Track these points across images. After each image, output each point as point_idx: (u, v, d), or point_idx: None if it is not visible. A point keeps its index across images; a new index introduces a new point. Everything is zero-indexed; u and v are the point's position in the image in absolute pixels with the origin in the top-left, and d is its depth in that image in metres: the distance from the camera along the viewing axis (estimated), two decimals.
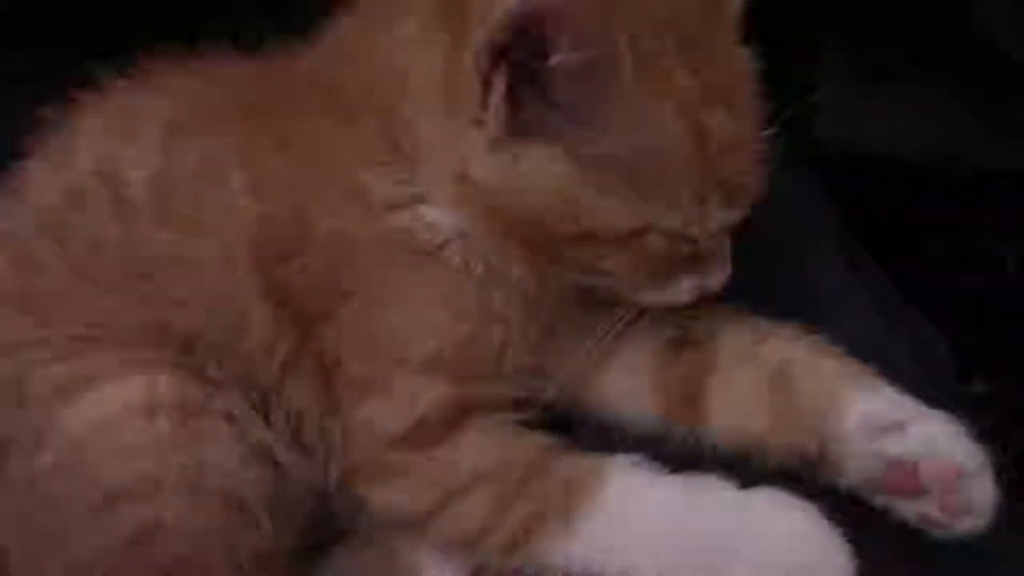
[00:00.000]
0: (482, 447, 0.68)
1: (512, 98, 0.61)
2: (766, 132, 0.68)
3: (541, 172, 0.63)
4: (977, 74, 1.03)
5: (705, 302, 0.72)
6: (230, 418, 0.68)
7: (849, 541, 0.63)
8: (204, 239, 0.69)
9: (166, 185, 0.70)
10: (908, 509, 0.66)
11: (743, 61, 0.68)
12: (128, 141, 0.72)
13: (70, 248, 0.70)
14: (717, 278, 0.71)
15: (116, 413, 0.66)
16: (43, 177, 0.73)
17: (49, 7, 0.92)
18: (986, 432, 0.67)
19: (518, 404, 0.70)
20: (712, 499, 0.65)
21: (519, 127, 0.62)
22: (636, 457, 0.67)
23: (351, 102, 0.69)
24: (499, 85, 0.60)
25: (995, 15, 1.00)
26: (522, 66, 0.60)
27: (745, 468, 0.69)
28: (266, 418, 0.70)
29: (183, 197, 0.70)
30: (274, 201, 0.69)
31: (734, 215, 0.68)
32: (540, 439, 0.69)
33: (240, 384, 0.69)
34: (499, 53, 0.59)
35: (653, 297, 0.70)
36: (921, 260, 1.01)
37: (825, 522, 0.63)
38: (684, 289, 0.70)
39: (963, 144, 1.07)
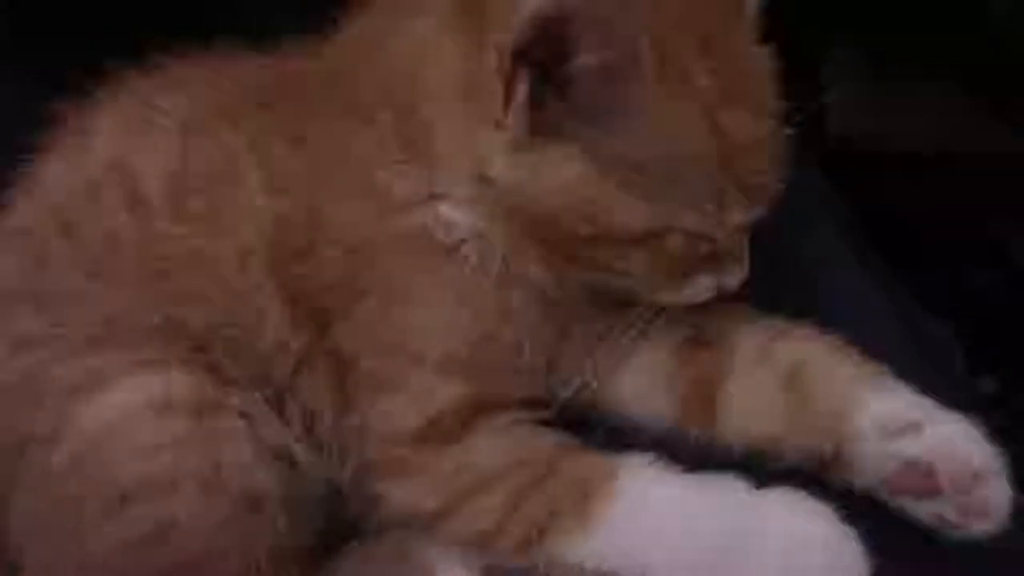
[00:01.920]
0: (496, 446, 0.68)
1: (533, 99, 0.61)
2: (784, 131, 0.68)
3: (561, 173, 0.63)
4: (987, 71, 1.03)
5: (720, 301, 0.72)
6: (245, 416, 0.68)
7: (863, 542, 0.63)
8: (220, 237, 0.69)
9: (182, 183, 0.70)
10: (923, 510, 0.66)
11: (761, 61, 0.68)
12: (144, 138, 0.72)
13: (85, 246, 0.70)
14: (734, 277, 0.71)
15: (131, 411, 0.66)
16: (58, 174, 0.73)
17: (62, 3, 0.92)
18: (997, 430, 0.67)
19: (533, 404, 0.70)
20: (726, 499, 0.65)
21: (540, 128, 0.62)
22: (650, 457, 0.67)
23: (367, 101, 0.69)
24: (521, 86, 0.60)
25: (1005, 13, 1.00)
26: (544, 68, 0.60)
27: (759, 468, 0.69)
28: (281, 416, 0.70)
29: (199, 195, 0.70)
30: (290, 199, 0.69)
31: (753, 214, 0.68)
32: (554, 438, 0.69)
33: (255, 382, 0.69)
34: (521, 55, 0.59)
35: (670, 297, 0.70)
36: (931, 257, 1.01)
37: (839, 523, 0.63)
38: (701, 288, 0.70)
39: (973, 141, 1.07)
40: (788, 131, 0.68)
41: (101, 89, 0.74)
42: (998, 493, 0.64)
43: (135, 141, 0.72)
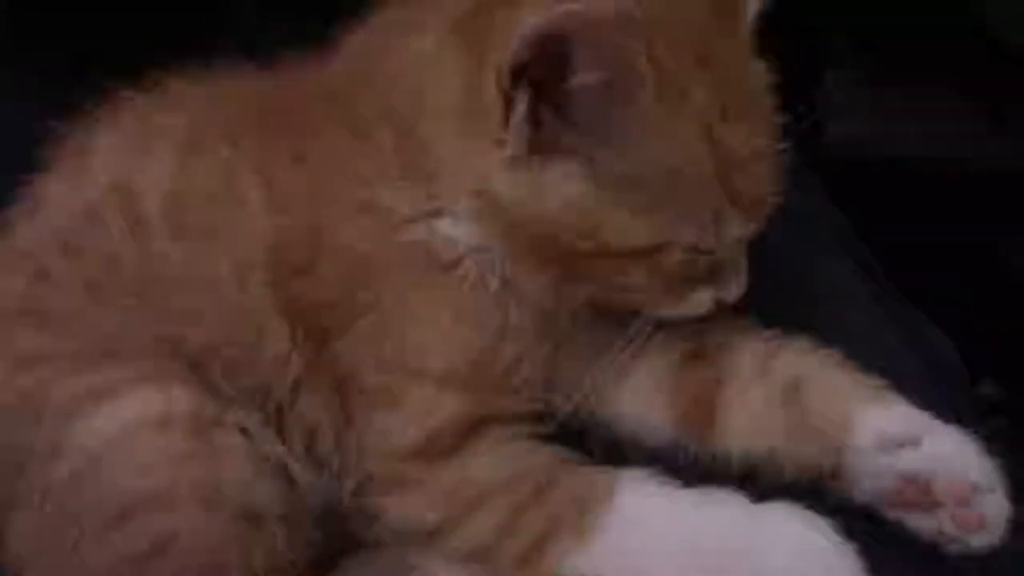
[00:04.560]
0: (496, 461, 0.68)
1: (533, 117, 0.61)
2: (781, 146, 0.68)
3: (561, 190, 0.64)
4: (983, 75, 1.04)
5: (719, 315, 0.73)
6: (244, 432, 0.68)
7: (862, 555, 0.63)
8: (219, 254, 0.69)
9: (181, 200, 0.70)
10: (921, 524, 0.66)
11: (759, 75, 0.69)
12: (144, 156, 0.72)
13: (86, 264, 0.70)
14: (733, 290, 0.71)
15: (131, 427, 0.66)
16: (59, 193, 0.73)
17: (62, 20, 0.92)
18: (998, 434, 0.67)
19: (532, 418, 0.70)
20: (725, 513, 0.65)
21: (539, 146, 0.63)
22: (649, 471, 0.67)
23: (367, 117, 0.69)
24: (520, 104, 0.61)
25: (1000, 15, 1.00)
26: (543, 85, 0.61)
27: (758, 482, 0.69)
28: (280, 432, 0.70)
29: (198, 212, 0.70)
30: (289, 216, 0.69)
31: (751, 228, 0.69)
32: (553, 453, 0.69)
33: (255, 399, 0.69)
34: (520, 73, 0.60)
35: (670, 311, 0.71)
36: (930, 263, 1.01)
37: (838, 536, 0.63)
38: (700, 302, 0.71)
39: (970, 145, 1.07)
40: (785, 145, 0.69)
41: (101, 108, 0.75)
42: (995, 507, 0.65)
43: (135, 160, 0.72)
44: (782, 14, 0.69)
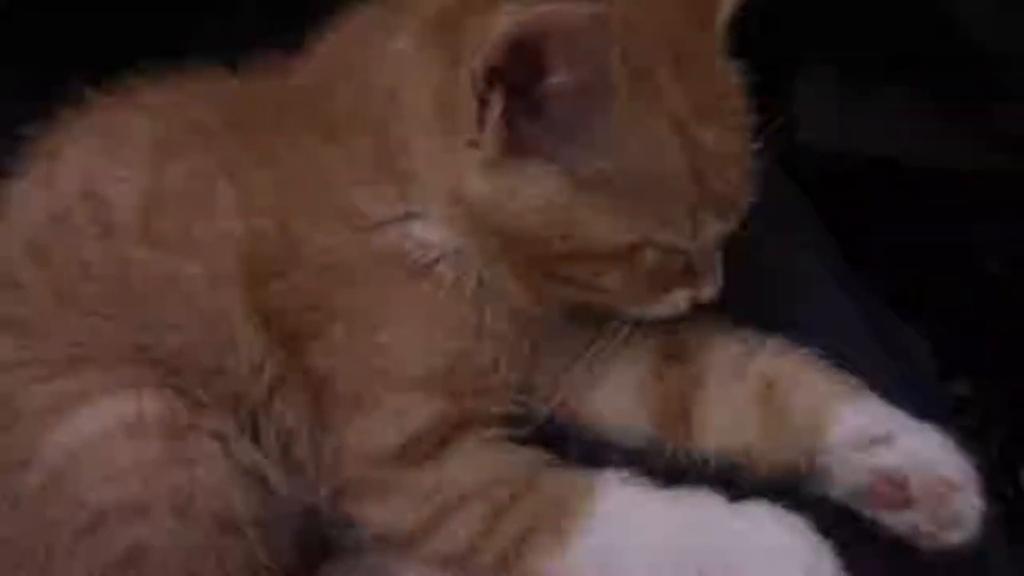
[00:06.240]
0: (474, 464, 0.68)
1: (508, 118, 0.61)
2: (755, 146, 0.69)
3: (537, 191, 0.64)
4: (958, 77, 1.05)
5: (694, 315, 0.73)
6: (218, 438, 0.68)
7: (838, 553, 0.63)
8: (191, 259, 0.69)
9: (153, 204, 0.70)
10: (896, 521, 0.67)
11: (732, 76, 0.69)
12: (114, 160, 0.71)
13: (55, 269, 0.69)
14: (708, 290, 0.72)
15: (103, 434, 0.65)
16: (27, 197, 0.72)
17: (35, 20, 0.91)
18: (970, 431, 0.68)
19: (510, 420, 0.70)
20: (702, 513, 0.65)
21: (515, 146, 0.62)
22: (626, 472, 0.67)
23: (341, 120, 0.69)
24: (495, 106, 0.60)
25: (976, 18, 1.01)
26: (518, 86, 0.60)
27: (734, 482, 0.69)
28: (255, 437, 0.70)
29: (170, 216, 0.69)
30: (262, 219, 0.69)
31: (726, 228, 0.69)
32: (531, 456, 0.69)
33: (228, 404, 0.69)
34: (494, 74, 0.60)
35: (646, 311, 0.71)
36: (903, 262, 1.02)
37: (814, 534, 0.63)
38: (676, 302, 0.71)
39: (945, 144, 1.08)
40: (759, 145, 0.69)
41: (70, 110, 0.74)
42: (969, 503, 0.65)
43: (105, 165, 0.71)
44: (756, 13, 0.69)
